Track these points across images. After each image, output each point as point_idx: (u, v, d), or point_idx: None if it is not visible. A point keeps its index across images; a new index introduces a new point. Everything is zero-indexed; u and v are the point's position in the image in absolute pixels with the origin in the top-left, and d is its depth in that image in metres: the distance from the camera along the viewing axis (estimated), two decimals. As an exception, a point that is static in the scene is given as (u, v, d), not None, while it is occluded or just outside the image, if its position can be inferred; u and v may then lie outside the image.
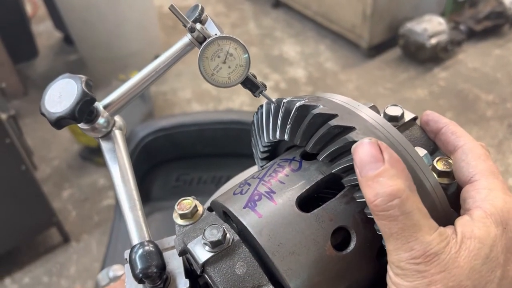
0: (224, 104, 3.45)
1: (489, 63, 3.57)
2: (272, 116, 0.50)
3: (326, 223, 0.44)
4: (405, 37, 3.50)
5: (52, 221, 2.45)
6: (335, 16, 3.78)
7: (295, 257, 0.42)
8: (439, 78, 3.48)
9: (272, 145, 0.55)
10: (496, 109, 3.17)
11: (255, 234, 0.43)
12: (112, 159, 0.52)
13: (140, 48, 3.42)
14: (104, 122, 0.52)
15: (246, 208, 0.45)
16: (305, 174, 0.47)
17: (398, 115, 0.50)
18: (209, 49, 0.44)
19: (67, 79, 0.49)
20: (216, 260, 0.42)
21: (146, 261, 0.45)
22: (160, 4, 4.57)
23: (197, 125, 1.72)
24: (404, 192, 0.37)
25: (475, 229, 0.38)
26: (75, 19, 3.20)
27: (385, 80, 3.53)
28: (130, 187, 0.50)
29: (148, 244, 0.46)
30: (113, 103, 0.52)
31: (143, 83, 0.52)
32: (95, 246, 2.62)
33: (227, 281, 0.41)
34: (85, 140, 2.92)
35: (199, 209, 0.48)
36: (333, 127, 0.43)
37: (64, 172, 3.05)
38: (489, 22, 3.70)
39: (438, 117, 0.50)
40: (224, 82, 0.46)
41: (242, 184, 0.49)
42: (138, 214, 0.49)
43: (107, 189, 2.93)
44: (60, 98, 0.48)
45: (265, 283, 0.42)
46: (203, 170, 1.75)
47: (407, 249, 0.37)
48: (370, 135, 0.42)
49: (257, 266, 0.42)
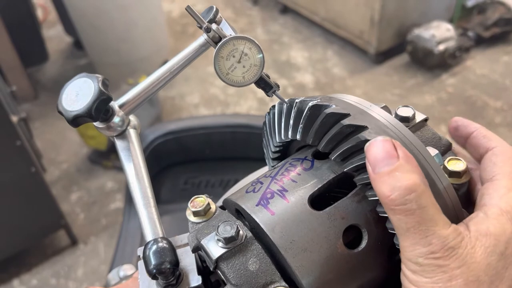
0: (232, 109, 3.47)
1: (497, 69, 3.56)
2: (284, 116, 0.51)
3: (338, 221, 0.44)
4: (413, 43, 3.50)
5: (61, 223, 2.47)
6: (343, 22, 3.79)
7: (307, 254, 0.43)
8: (447, 84, 3.47)
9: (283, 145, 0.55)
10: (504, 115, 3.15)
11: (268, 231, 0.43)
12: (127, 158, 0.53)
13: (149, 53, 3.45)
14: (120, 121, 0.52)
15: (259, 205, 0.46)
16: (317, 173, 0.48)
17: (409, 116, 0.50)
18: (224, 48, 0.45)
19: (84, 78, 0.50)
20: (229, 256, 0.43)
21: (160, 257, 0.45)
22: (169, 10, 4.61)
23: (206, 128, 1.73)
24: (420, 186, 0.37)
25: (490, 226, 0.38)
26: (86, 24, 3.23)
27: (393, 86, 3.52)
28: (145, 185, 0.51)
29: (162, 240, 0.47)
30: (129, 102, 0.53)
31: (158, 83, 0.53)
32: (102, 248, 2.63)
33: (240, 277, 0.42)
34: (94, 144, 2.95)
35: (212, 207, 0.49)
36: (346, 126, 0.43)
37: (72, 175, 3.08)
38: (497, 28, 3.69)
39: (468, 122, 0.50)
40: (239, 81, 0.47)
41: (255, 183, 0.50)
42: (152, 211, 0.50)
43: (115, 192, 2.95)
44: (77, 97, 0.49)
45: (277, 280, 0.42)
46: (211, 174, 1.76)
47: (425, 243, 0.37)
48: (382, 134, 0.43)
49: (269, 262, 0.43)
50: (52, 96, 3.65)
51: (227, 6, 4.74)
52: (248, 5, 4.72)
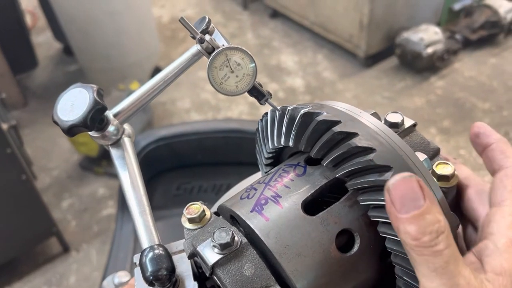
0: (223, 114, 3.48)
1: (485, 72, 3.61)
2: (277, 123, 0.52)
3: (331, 226, 0.45)
4: (402, 47, 3.54)
5: (52, 231, 2.46)
6: (332, 26, 3.82)
7: (301, 258, 0.44)
8: (436, 86, 3.52)
9: (276, 151, 0.56)
10: (492, 117, 3.20)
11: (263, 236, 0.44)
12: (122, 166, 0.53)
13: (139, 59, 3.45)
14: (114, 130, 0.53)
15: (253, 211, 0.46)
16: (309, 179, 0.49)
17: (398, 122, 0.51)
18: (217, 59, 0.46)
19: (79, 88, 0.50)
20: (225, 262, 0.43)
21: (156, 264, 0.46)
22: (159, 15, 4.62)
23: (197, 134, 1.74)
24: (447, 227, 0.37)
25: (504, 262, 0.39)
26: (75, 30, 3.23)
27: (383, 89, 3.56)
28: (140, 192, 0.52)
29: (158, 247, 0.48)
30: (123, 111, 0.54)
31: (152, 92, 0.54)
32: (95, 255, 2.62)
33: (236, 282, 0.42)
34: (85, 150, 2.94)
35: (206, 213, 0.50)
36: (337, 133, 0.44)
37: (63, 182, 3.06)
38: (484, 31, 3.75)
39: (490, 131, 0.48)
40: (232, 90, 0.48)
41: (249, 189, 0.50)
42: (148, 218, 0.51)
43: (107, 199, 2.94)
44: (72, 107, 0.49)
45: (272, 284, 0.43)
46: (203, 179, 1.76)
47: (452, 284, 0.36)
48: (372, 141, 0.44)
49: (264, 267, 0.44)
50: (42, 102, 3.63)
51: (217, 10, 4.75)
52: (238, 10, 4.74)
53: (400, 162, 0.43)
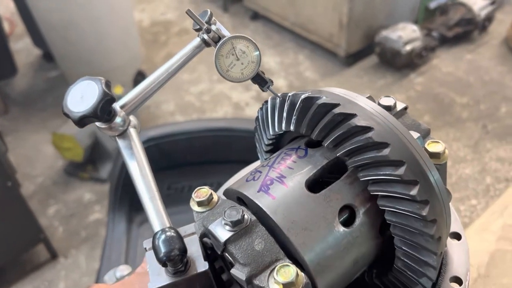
0: (208, 115, 3.49)
1: (461, 67, 3.71)
2: (277, 110, 0.55)
3: (333, 202, 0.48)
4: (381, 45, 3.61)
5: (39, 237, 2.43)
6: (312, 27, 3.88)
7: (307, 232, 0.47)
8: (416, 83, 3.60)
9: (276, 137, 0.59)
10: (471, 111, 3.29)
11: (271, 213, 0.47)
12: (129, 155, 0.56)
13: (121, 63, 3.44)
14: (121, 121, 0.55)
15: (260, 191, 0.49)
16: (311, 160, 0.52)
17: (391, 105, 0.55)
18: (224, 47, 0.49)
19: (87, 81, 0.52)
20: (236, 238, 0.46)
21: (169, 245, 0.48)
22: (139, 19, 4.61)
23: (186, 134, 1.75)
24: None
25: None
26: (56, 37, 3.20)
27: (364, 87, 3.62)
28: (149, 179, 0.54)
29: (169, 230, 0.50)
30: (129, 103, 0.56)
31: (157, 84, 0.56)
32: (83, 261, 2.60)
33: (247, 257, 0.45)
34: (70, 156, 2.92)
35: (214, 197, 0.53)
36: (337, 114, 0.47)
37: (49, 189, 3.03)
38: (459, 28, 3.85)
39: None
40: (238, 77, 0.50)
41: (253, 172, 0.53)
42: (158, 203, 0.53)
43: (93, 204, 2.92)
44: (82, 99, 0.51)
45: (281, 257, 0.46)
46: (193, 178, 1.78)
47: None
48: (370, 121, 0.47)
49: (273, 242, 0.46)
50: (24, 110, 3.59)
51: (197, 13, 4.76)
52: (218, 12, 4.76)
53: (396, 139, 0.47)
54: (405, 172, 0.44)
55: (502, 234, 1.01)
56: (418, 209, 0.45)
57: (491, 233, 1.02)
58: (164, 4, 4.96)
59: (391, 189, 0.45)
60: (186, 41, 3.38)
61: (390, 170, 0.45)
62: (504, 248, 0.98)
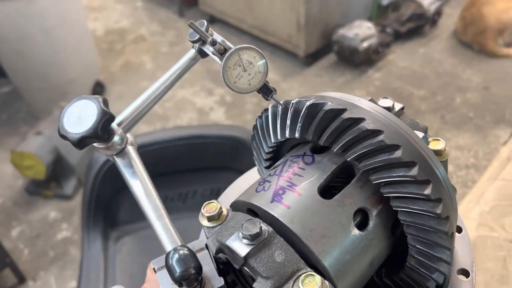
0: (172, 122, 3.44)
1: (416, 61, 3.84)
2: (280, 117, 0.54)
3: (347, 206, 0.49)
4: (339, 43, 3.68)
5: (5, 262, 2.32)
6: (271, 28, 3.90)
7: (326, 239, 0.46)
8: (374, 78, 3.69)
9: (277, 145, 0.59)
10: (428, 103, 3.41)
11: (288, 223, 0.47)
12: (131, 174, 0.54)
13: (78, 74, 3.34)
14: (119, 139, 0.53)
15: (274, 202, 0.49)
16: (319, 166, 0.52)
17: (390, 106, 0.56)
18: (231, 59, 0.48)
19: (83, 100, 0.50)
20: (256, 251, 0.45)
21: (184, 264, 0.47)
22: (93, 29, 4.49)
23: (158, 143, 1.72)
24: None
25: None
26: (7, 50, 3.06)
27: (325, 85, 3.68)
28: (154, 198, 0.53)
29: (182, 248, 0.49)
30: (126, 120, 0.54)
31: (153, 98, 0.55)
32: (54, 282, 2.50)
33: (269, 269, 0.45)
34: (31, 174, 2.79)
35: (223, 210, 0.51)
36: (346, 119, 0.48)
37: (10, 210, 2.89)
38: (411, 23, 3.99)
39: None
40: (245, 88, 0.50)
41: (262, 183, 0.53)
42: (166, 221, 0.51)
43: (60, 222, 2.81)
44: (80, 119, 0.49)
45: (303, 267, 0.45)
46: (168, 188, 1.75)
47: None
48: (378, 124, 0.48)
49: (293, 252, 0.46)
50: (-24, 129, 3.41)
51: (153, 20, 4.69)
52: (174, 18, 4.71)
53: (405, 140, 0.47)
54: (418, 173, 0.45)
55: (481, 221, 1.06)
56: (432, 208, 0.46)
57: (470, 220, 1.07)
58: (118, 12, 4.85)
59: (405, 190, 0.46)
60: (143, 48, 3.34)
61: (403, 171, 0.46)
62: (484, 234, 1.03)
